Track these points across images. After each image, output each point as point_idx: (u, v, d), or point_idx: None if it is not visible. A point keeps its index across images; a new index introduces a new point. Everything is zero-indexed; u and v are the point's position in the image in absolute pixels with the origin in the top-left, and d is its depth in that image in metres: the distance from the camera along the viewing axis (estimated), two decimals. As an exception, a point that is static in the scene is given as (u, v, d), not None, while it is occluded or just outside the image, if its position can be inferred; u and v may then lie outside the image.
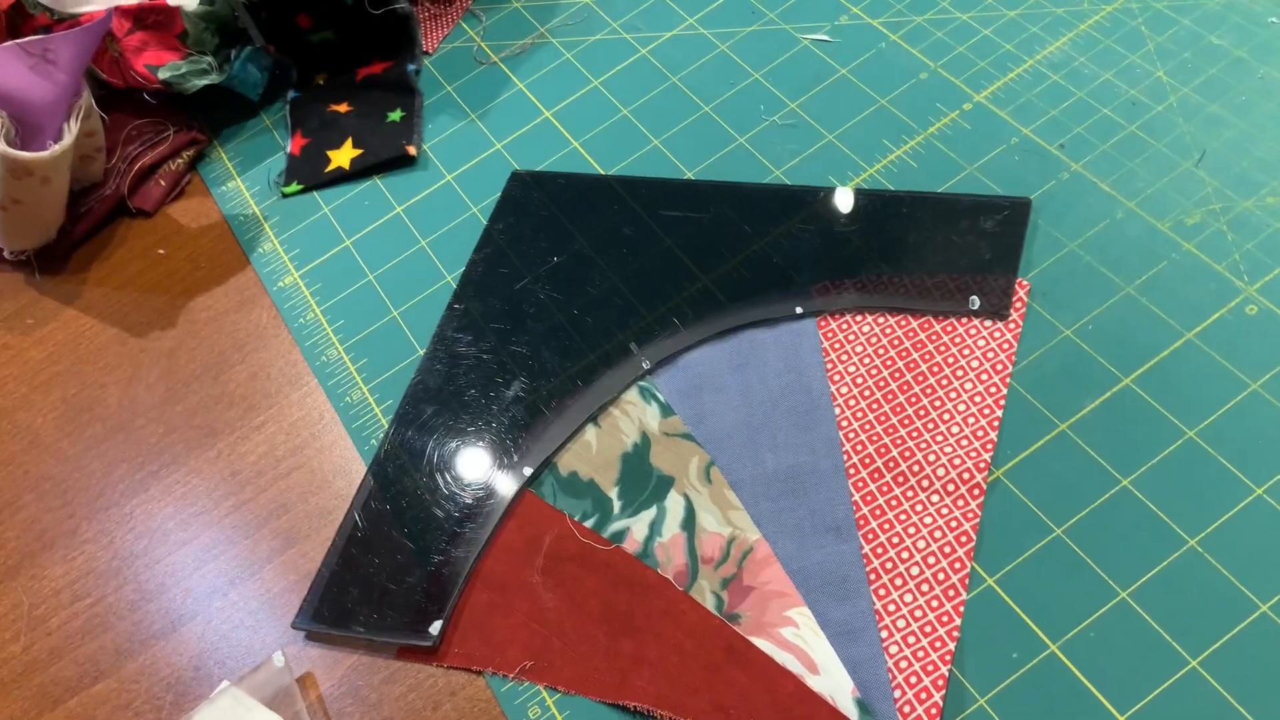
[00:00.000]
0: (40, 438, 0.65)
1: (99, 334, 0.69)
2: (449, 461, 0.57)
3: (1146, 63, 0.62)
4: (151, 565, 0.59)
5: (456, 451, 0.58)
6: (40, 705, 0.55)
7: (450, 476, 0.57)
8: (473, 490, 0.56)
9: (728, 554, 0.51)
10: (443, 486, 0.57)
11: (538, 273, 0.63)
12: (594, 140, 0.69)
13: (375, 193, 0.71)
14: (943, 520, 0.50)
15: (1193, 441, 0.50)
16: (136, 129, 0.75)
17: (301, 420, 0.62)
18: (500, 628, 0.52)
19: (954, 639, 0.47)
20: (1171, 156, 0.59)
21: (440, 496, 0.56)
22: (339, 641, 0.54)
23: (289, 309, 0.67)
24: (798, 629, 0.49)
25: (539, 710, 0.49)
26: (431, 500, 0.56)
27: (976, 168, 0.61)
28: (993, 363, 0.54)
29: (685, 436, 0.55)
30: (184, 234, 0.73)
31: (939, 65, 0.66)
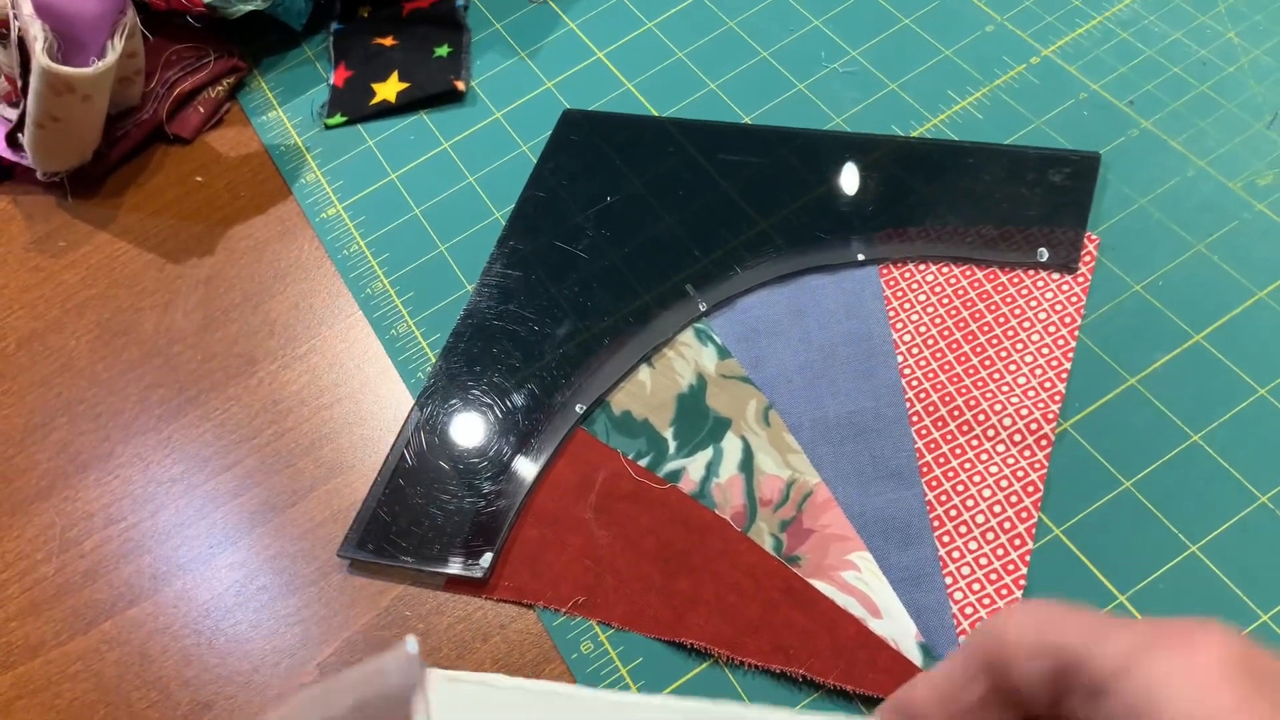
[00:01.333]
0: (73, 360, 0.64)
1: (134, 259, 0.68)
2: (498, 396, 0.56)
3: (1217, 24, 0.62)
4: (189, 490, 0.58)
5: (506, 387, 0.57)
6: (74, 626, 0.54)
7: (500, 411, 0.56)
8: (523, 426, 0.55)
9: (787, 496, 0.51)
10: (492, 422, 0.56)
11: (590, 212, 0.62)
12: (647, 82, 0.68)
13: (421, 127, 0.70)
14: (1009, 470, 0.49)
15: (1264, 399, 0.49)
16: (176, 54, 0.73)
17: (346, 351, 0.61)
18: (552, 563, 0.51)
19: (1020, 587, 0.46)
20: (1243, 117, 0.58)
21: (489, 431, 0.55)
22: (385, 572, 0.53)
23: (332, 240, 0.66)
24: (859, 573, 0.48)
25: (591, 645, 0.49)
26: (481, 434, 0.55)
27: (1044, 122, 0.60)
28: (1060, 315, 0.53)
29: (743, 379, 0.55)
30: (223, 162, 0.72)
31: (1005, 18, 0.65)
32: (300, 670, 0.51)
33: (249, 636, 0.52)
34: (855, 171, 0.60)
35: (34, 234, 0.71)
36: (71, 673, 0.53)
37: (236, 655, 0.52)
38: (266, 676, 0.51)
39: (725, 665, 0.47)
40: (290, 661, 0.51)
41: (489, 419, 0.56)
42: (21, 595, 0.56)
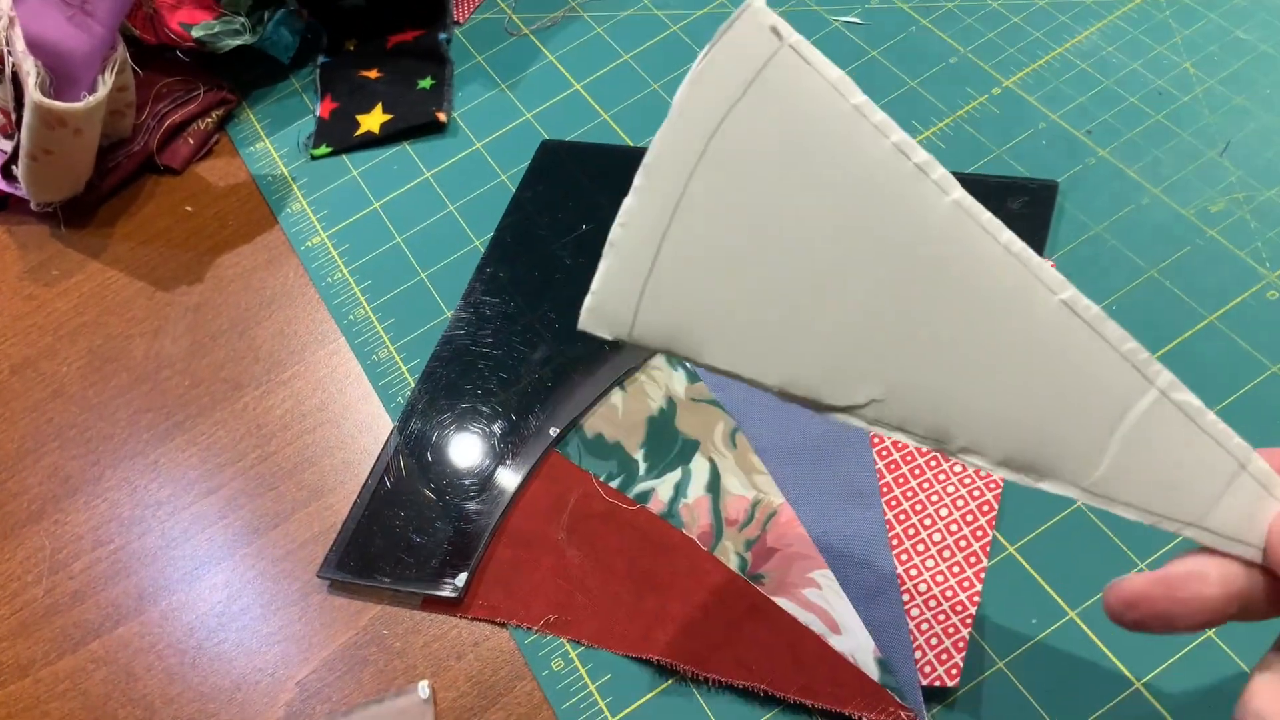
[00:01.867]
0: (65, 386, 0.66)
1: (125, 287, 0.70)
2: (475, 420, 0.58)
3: (1174, 54, 0.63)
4: (176, 513, 0.59)
5: (483, 410, 0.58)
6: (62, 646, 0.56)
7: (476, 435, 0.57)
8: (499, 448, 0.57)
9: (752, 516, 0.52)
10: (469, 444, 0.57)
11: (566, 240, 0.64)
12: (624, 113, 0.70)
13: (404, 158, 0.72)
14: (965, 490, 0.51)
15: (1213, 420, 0.51)
16: (167, 87, 0.75)
17: (328, 376, 0.63)
18: (524, 582, 0.52)
19: (975, 604, 0.48)
20: (1197, 145, 0.60)
21: (466, 454, 0.57)
22: (363, 592, 0.54)
23: (316, 268, 0.67)
24: (820, 590, 0.49)
25: (562, 662, 0.50)
26: (457, 457, 0.57)
27: (1004, 150, 0.62)
28: (1017, 339, 0.55)
29: (711, 402, 0.56)
30: (211, 192, 0.74)
31: (969, 50, 0.67)
32: (280, 688, 0.52)
33: (231, 655, 0.54)
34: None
35: (28, 263, 0.73)
36: (60, 691, 0.54)
37: (219, 674, 0.53)
38: (248, 694, 0.52)
39: (691, 681, 0.49)
40: (271, 680, 0.53)
41: (466, 442, 0.57)
42: (12, 616, 0.57)
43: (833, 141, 0.31)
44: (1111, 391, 0.32)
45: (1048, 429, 0.32)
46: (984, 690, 0.46)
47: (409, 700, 0.51)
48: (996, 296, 0.32)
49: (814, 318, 0.32)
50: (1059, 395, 0.32)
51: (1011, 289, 0.31)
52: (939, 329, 0.32)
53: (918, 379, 0.32)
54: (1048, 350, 0.32)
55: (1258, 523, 0.32)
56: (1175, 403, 0.32)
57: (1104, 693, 0.45)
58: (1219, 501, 0.32)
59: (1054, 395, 0.32)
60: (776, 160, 0.31)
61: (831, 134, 0.31)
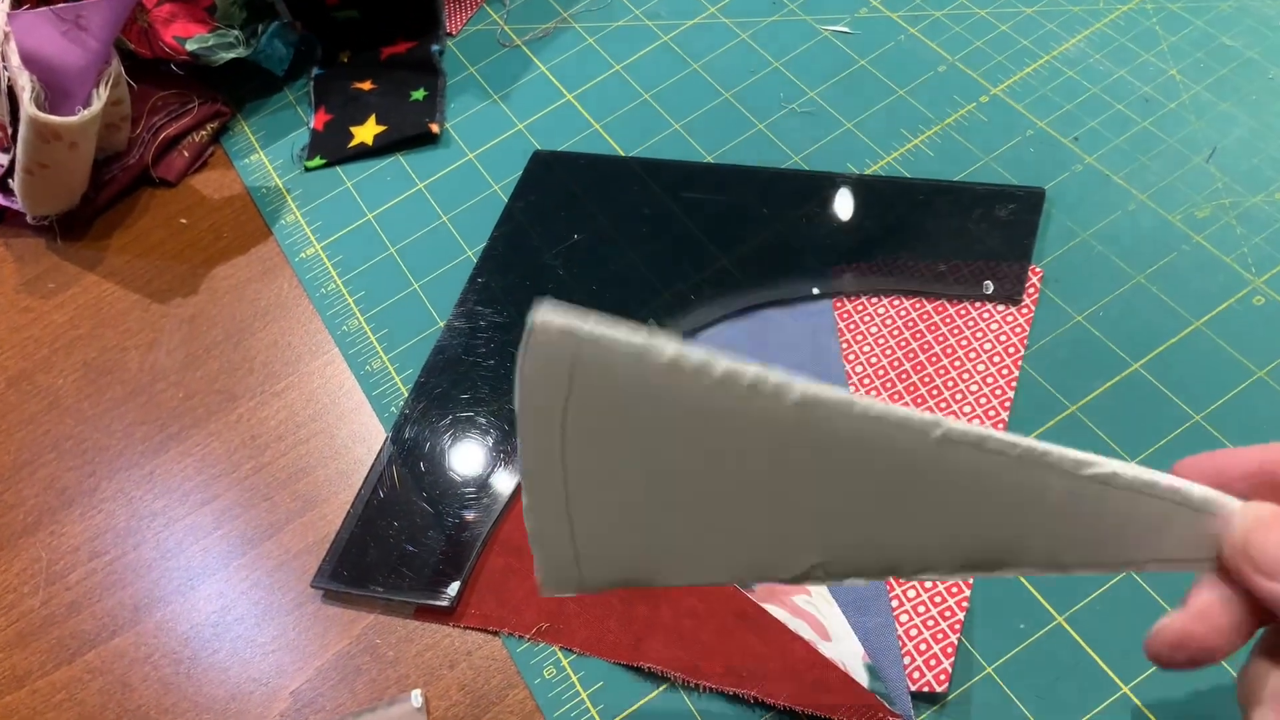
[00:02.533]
0: (60, 399, 0.66)
1: (120, 299, 0.70)
2: (468, 430, 0.58)
3: (1160, 61, 0.64)
4: (170, 524, 0.60)
5: (475, 420, 0.59)
6: (59, 657, 0.56)
7: (469, 444, 0.58)
8: (491, 458, 0.57)
9: (742, 524, 0.52)
10: (461, 454, 0.58)
11: (558, 250, 0.65)
12: (615, 123, 0.70)
13: (397, 169, 0.72)
14: (954, 496, 0.51)
15: (1199, 425, 0.51)
16: (161, 100, 0.76)
17: (322, 387, 0.63)
18: (516, 591, 0.53)
19: (963, 609, 0.48)
20: (1183, 152, 0.60)
21: (458, 464, 0.57)
22: (356, 602, 0.55)
23: (310, 279, 0.68)
24: (810, 597, 0.50)
25: (554, 670, 0.51)
26: (450, 467, 0.57)
27: (992, 158, 0.62)
28: (1005, 346, 0.55)
29: (702, 410, 0.57)
30: (206, 204, 0.74)
31: (957, 59, 0.67)
32: (275, 697, 0.53)
33: (226, 665, 0.54)
34: (811, 208, 0.62)
35: (24, 276, 0.73)
36: (56, 702, 0.55)
37: (214, 684, 0.54)
38: (243, 704, 0.53)
39: (682, 688, 0.49)
40: (265, 689, 0.53)
41: (459, 452, 0.58)
42: (9, 627, 0.58)
43: (666, 395, 0.33)
44: (1025, 489, 0.34)
45: (982, 537, 0.35)
46: (973, 695, 0.46)
47: (402, 709, 0.51)
48: (877, 455, 0.34)
49: (731, 523, 0.36)
50: (975, 510, 0.35)
51: (887, 445, 0.34)
52: (840, 498, 0.35)
53: (845, 539, 0.36)
54: (948, 478, 0.34)
55: (1207, 537, 0.34)
56: (1089, 478, 0.34)
57: (1092, 697, 0.45)
58: (1161, 535, 0.35)
59: (972, 512, 0.35)
60: (629, 425, 0.34)
61: (661, 389, 0.33)
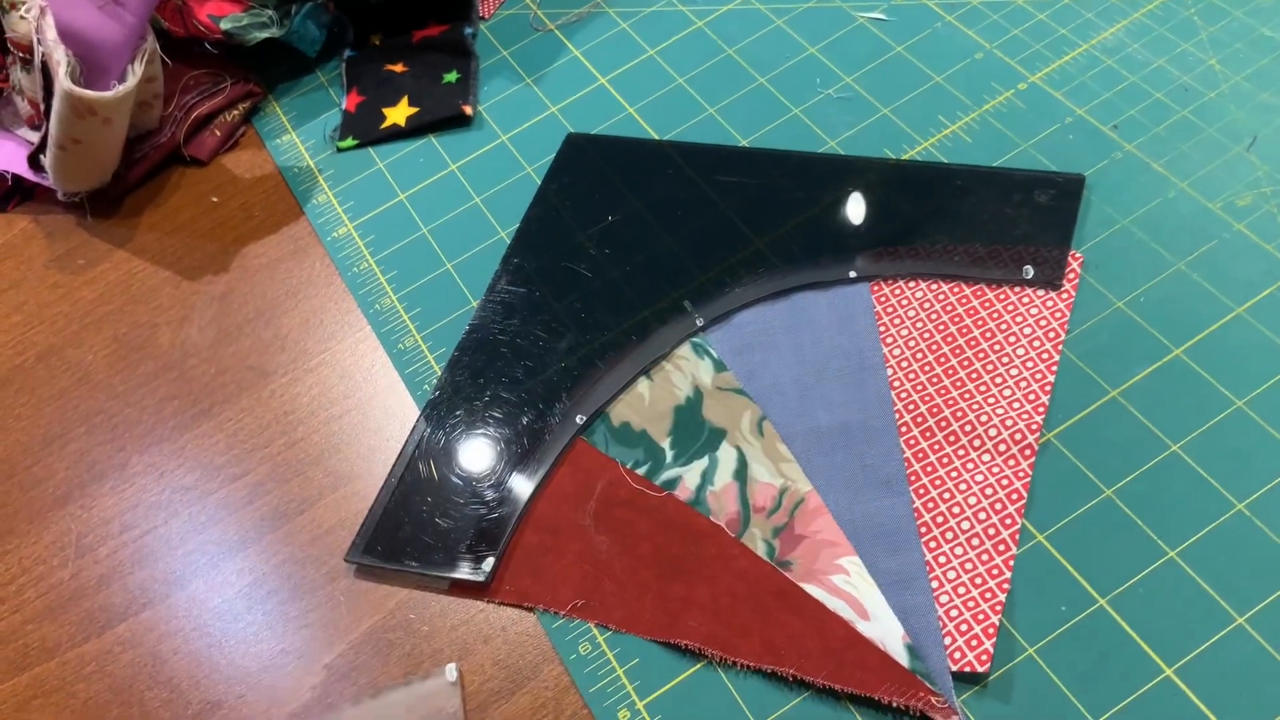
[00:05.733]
0: (91, 374, 0.66)
1: (151, 276, 0.70)
2: (502, 408, 0.58)
3: (1199, 51, 0.64)
4: (203, 499, 0.59)
5: (509, 398, 0.58)
6: (88, 629, 0.56)
7: (503, 423, 0.58)
8: (525, 436, 0.57)
9: (779, 504, 0.52)
10: (495, 432, 0.57)
11: (592, 232, 0.64)
12: (649, 107, 0.70)
13: (430, 150, 0.72)
14: (994, 478, 0.51)
15: (1241, 411, 0.51)
16: (194, 79, 0.76)
17: (354, 365, 0.63)
18: (551, 567, 0.53)
19: (1004, 590, 0.48)
20: (1223, 141, 0.60)
21: (493, 441, 0.57)
22: (390, 577, 0.54)
23: (342, 259, 0.68)
24: (849, 577, 0.50)
25: (589, 646, 0.50)
26: (484, 444, 0.57)
27: (1030, 145, 0.62)
28: (1045, 330, 0.55)
29: (737, 391, 0.56)
30: (238, 184, 0.74)
31: (994, 46, 0.67)
32: (308, 671, 0.52)
33: (259, 638, 0.54)
34: (848, 192, 0.62)
35: (54, 252, 0.73)
36: (86, 673, 0.54)
37: (246, 656, 0.53)
38: (275, 677, 0.52)
39: (719, 666, 0.49)
40: (298, 663, 0.53)
41: (492, 430, 0.57)
42: (38, 599, 0.58)
43: None
44: None
45: None
46: (1014, 676, 0.46)
47: (437, 683, 0.51)
48: None
49: None
50: None
51: None
52: None
53: None
54: None
55: None
56: None
57: (1134, 679, 0.45)
58: None
59: None
60: None
61: None
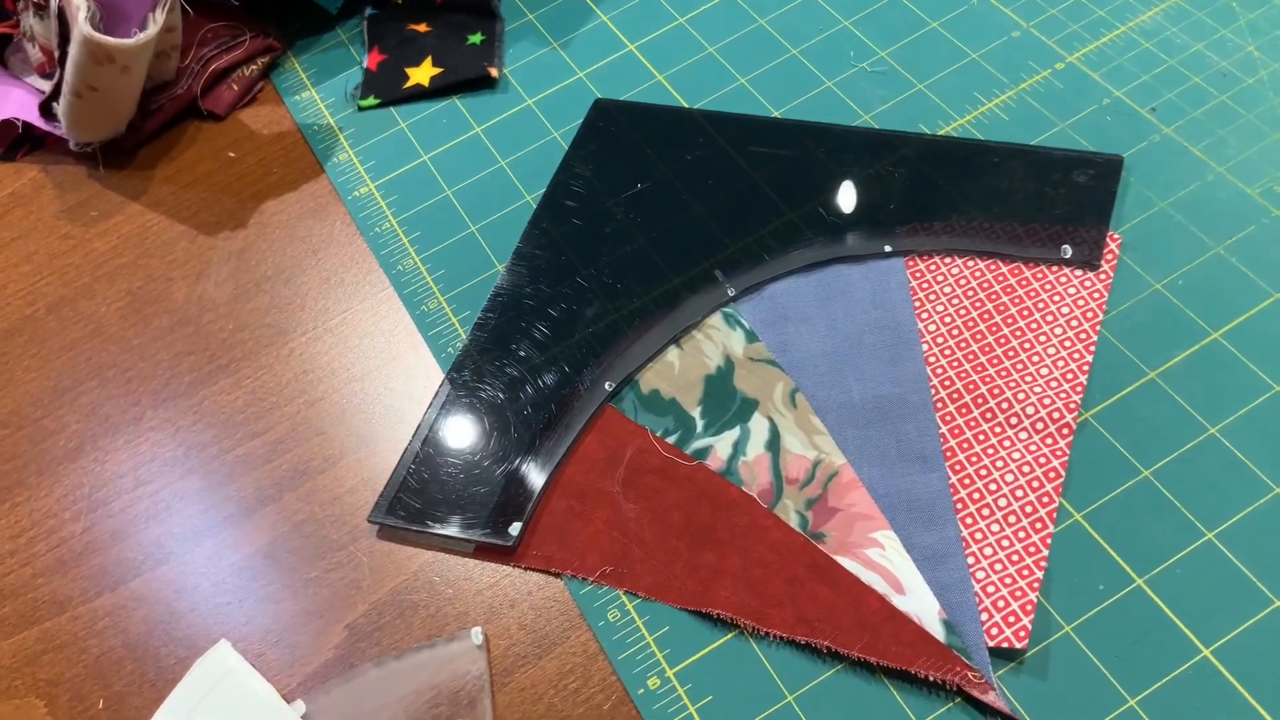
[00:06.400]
0: (104, 326, 0.65)
1: (166, 230, 0.69)
2: (528, 372, 0.57)
3: (1238, 37, 0.63)
4: (220, 455, 0.58)
5: (536, 363, 0.58)
6: (101, 584, 0.55)
7: (530, 387, 0.57)
8: (552, 401, 0.56)
9: (813, 476, 0.52)
10: (522, 396, 0.57)
11: (620, 198, 0.64)
12: (678, 75, 0.69)
13: (454, 112, 0.71)
14: (1031, 456, 0.51)
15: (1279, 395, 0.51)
16: (212, 31, 0.74)
17: (376, 325, 0.62)
18: (579, 534, 0.52)
19: (1041, 569, 0.47)
20: (1262, 127, 0.59)
21: (519, 406, 0.56)
22: (414, 538, 0.54)
23: (364, 218, 0.67)
24: (883, 550, 0.49)
25: (618, 613, 0.50)
26: (510, 409, 0.56)
27: (1068, 125, 0.61)
28: (1083, 310, 0.54)
29: (770, 363, 0.56)
30: (255, 139, 0.73)
31: (1031, 25, 0.66)
32: (329, 630, 0.51)
33: (279, 596, 0.53)
34: (883, 166, 0.62)
35: (65, 203, 0.72)
36: (99, 629, 0.53)
37: (266, 614, 0.52)
38: (296, 637, 0.52)
39: (750, 636, 0.48)
40: (320, 622, 0.52)
41: (519, 394, 0.57)
42: (49, 553, 0.56)
43: None
44: None
45: None
46: (1051, 654, 0.46)
47: (462, 646, 0.50)
48: None
49: None
50: None
51: None
52: None
53: None
54: None
55: None
56: None
57: (1172, 659, 0.45)
58: None
59: None
60: None
61: None
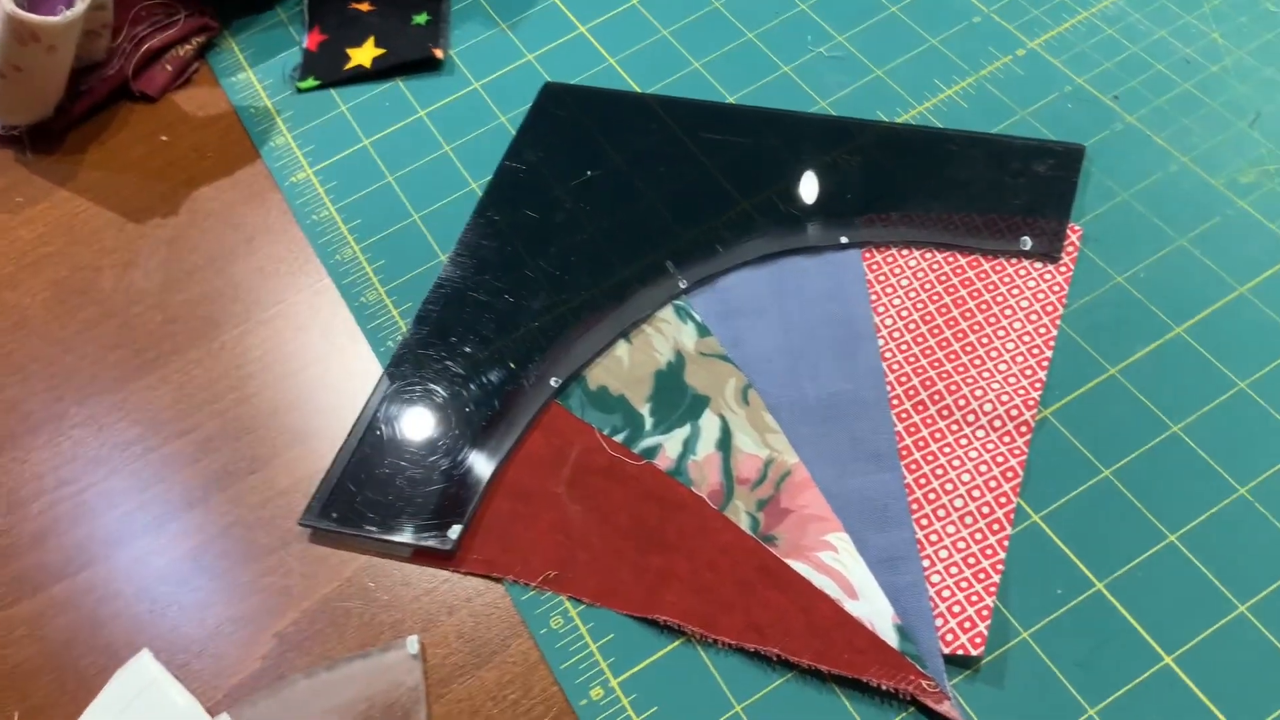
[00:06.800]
0: (28, 318, 0.62)
1: (94, 217, 0.66)
2: (471, 367, 0.55)
3: (1202, 24, 0.62)
4: (146, 454, 0.56)
5: (479, 358, 0.55)
6: (20, 590, 0.52)
7: (472, 383, 0.54)
8: (495, 398, 0.54)
9: (765, 476, 0.50)
10: (464, 393, 0.54)
11: (570, 186, 0.61)
12: (631, 59, 0.67)
13: (396, 94, 0.68)
14: (988, 455, 0.49)
15: (1244, 392, 0.49)
16: (145, 9, 0.71)
17: (312, 318, 0.59)
18: (522, 536, 0.50)
19: (998, 572, 0.46)
20: (1226, 116, 0.58)
21: (461, 403, 0.54)
22: (348, 542, 0.51)
23: (301, 205, 0.64)
24: (836, 553, 0.47)
25: (561, 620, 0.48)
26: (452, 406, 0.54)
27: (1029, 113, 0.60)
28: (1043, 304, 0.53)
29: (722, 358, 0.54)
30: (190, 122, 0.70)
31: (992, 10, 0.65)
32: (257, 639, 0.49)
33: (206, 603, 0.50)
34: (840, 155, 0.60)
35: (-11, 188, 0.68)
36: (16, 637, 0.51)
37: (192, 623, 0.50)
38: (222, 646, 0.49)
39: (699, 643, 0.46)
40: (247, 631, 0.49)
41: (461, 390, 0.54)
42: (-36, 557, 0.54)
43: None
44: None
45: None
46: (1008, 661, 0.44)
47: (397, 655, 0.48)
48: None
49: None
50: None
51: None
52: None
53: None
54: None
55: None
56: None
57: (1133, 666, 0.43)
58: None
59: None
60: None
61: None
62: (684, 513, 0.49)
